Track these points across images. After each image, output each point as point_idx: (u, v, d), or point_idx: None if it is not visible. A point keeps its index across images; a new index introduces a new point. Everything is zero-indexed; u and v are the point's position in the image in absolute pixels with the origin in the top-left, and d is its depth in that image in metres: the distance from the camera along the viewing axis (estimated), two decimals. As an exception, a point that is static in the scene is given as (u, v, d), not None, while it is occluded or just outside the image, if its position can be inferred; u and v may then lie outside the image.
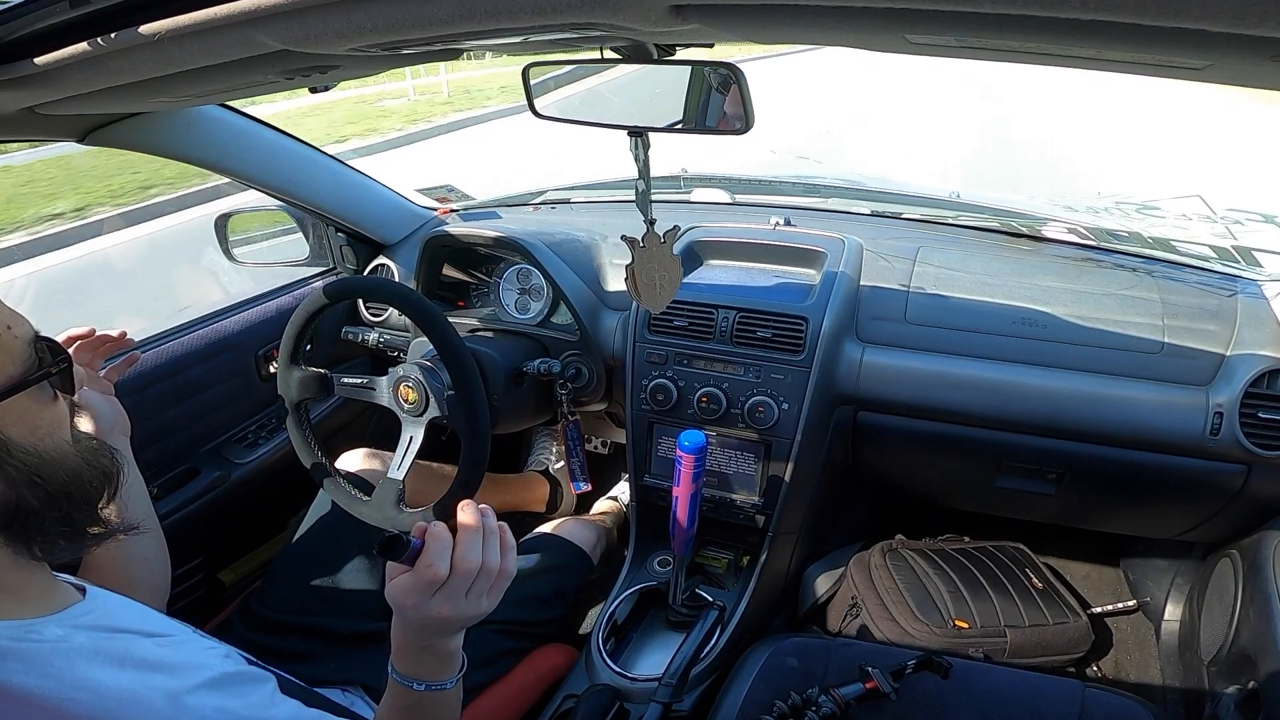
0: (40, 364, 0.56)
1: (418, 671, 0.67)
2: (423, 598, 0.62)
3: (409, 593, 0.63)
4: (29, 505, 0.53)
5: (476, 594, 0.65)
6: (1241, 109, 9.43)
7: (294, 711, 0.61)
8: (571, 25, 0.49)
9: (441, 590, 0.63)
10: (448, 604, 0.63)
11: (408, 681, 0.66)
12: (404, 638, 0.66)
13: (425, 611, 0.63)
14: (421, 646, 0.66)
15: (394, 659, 0.67)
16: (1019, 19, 0.36)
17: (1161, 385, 1.09)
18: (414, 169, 6.40)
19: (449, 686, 0.68)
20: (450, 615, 0.63)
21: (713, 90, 0.78)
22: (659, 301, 0.88)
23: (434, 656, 0.67)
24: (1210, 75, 0.43)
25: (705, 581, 1.25)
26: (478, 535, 0.66)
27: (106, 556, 0.82)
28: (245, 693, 0.59)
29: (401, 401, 1.08)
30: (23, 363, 0.54)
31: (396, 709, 0.68)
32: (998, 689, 0.95)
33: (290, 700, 0.62)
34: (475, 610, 0.65)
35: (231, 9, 0.48)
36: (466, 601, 0.64)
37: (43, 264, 4.36)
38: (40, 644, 0.52)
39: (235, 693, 0.58)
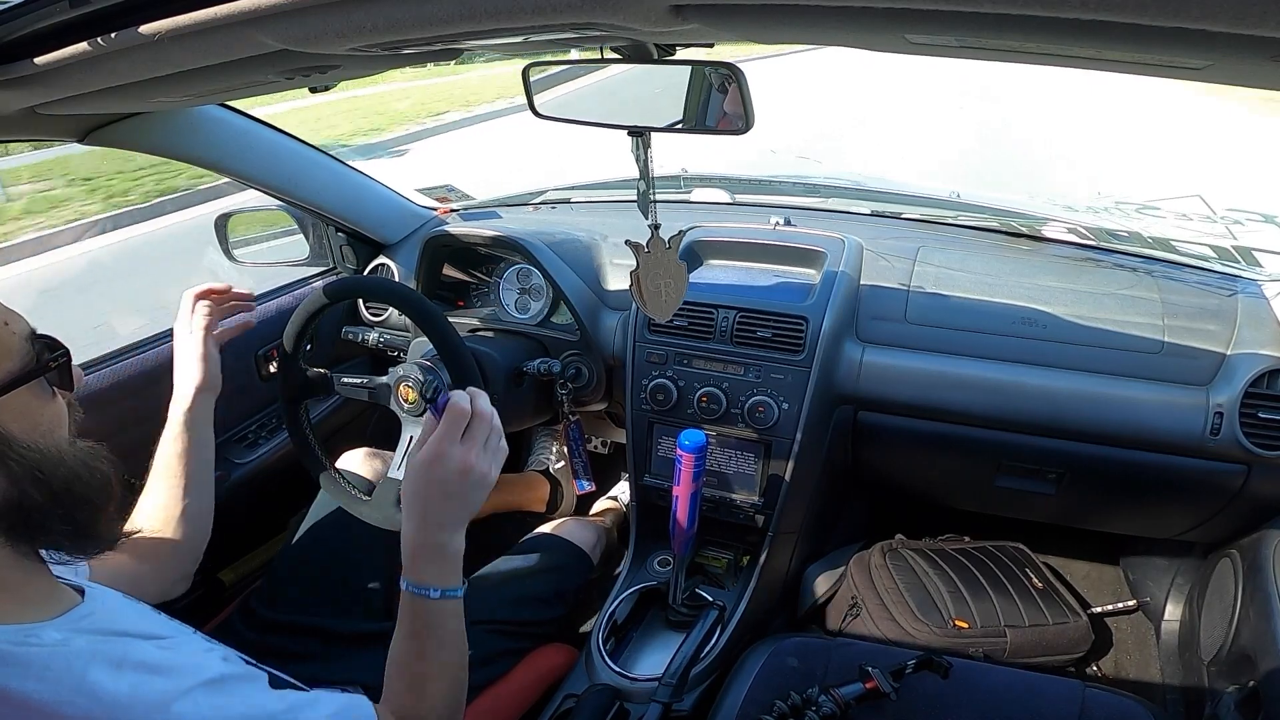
0: (39, 360, 0.56)
1: (431, 575, 0.72)
2: (450, 444, 0.71)
3: (442, 440, 0.72)
4: (32, 502, 0.53)
5: (489, 448, 0.74)
6: (1241, 109, 9.43)
7: (291, 700, 0.62)
8: (571, 25, 0.49)
9: (466, 435, 0.72)
10: (470, 450, 0.72)
11: (423, 590, 0.72)
12: (418, 537, 0.72)
13: (454, 460, 0.71)
14: (435, 544, 0.72)
15: (406, 572, 0.73)
16: (1019, 19, 0.36)
17: (1162, 385, 1.09)
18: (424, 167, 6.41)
19: (458, 594, 0.74)
20: (472, 463, 0.72)
21: (713, 90, 0.77)
22: (664, 309, 0.88)
23: (443, 557, 0.73)
24: (1210, 75, 0.43)
25: (705, 581, 1.25)
26: (485, 396, 0.76)
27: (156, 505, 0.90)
28: (240, 689, 0.60)
29: (401, 401, 1.08)
30: (20, 359, 0.55)
31: (413, 630, 0.73)
32: (998, 689, 0.95)
33: (285, 690, 0.63)
34: (485, 465, 0.73)
35: (231, 9, 0.48)
36: (483, 453, 0.73)
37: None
38: (39, 649, 0.52)
39: (232, 691, 0.59)
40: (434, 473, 0.71)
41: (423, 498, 0.72)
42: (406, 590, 0.72)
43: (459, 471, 0.71)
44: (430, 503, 0.72)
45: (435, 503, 0.72)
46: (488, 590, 1.17)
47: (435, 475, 0.71)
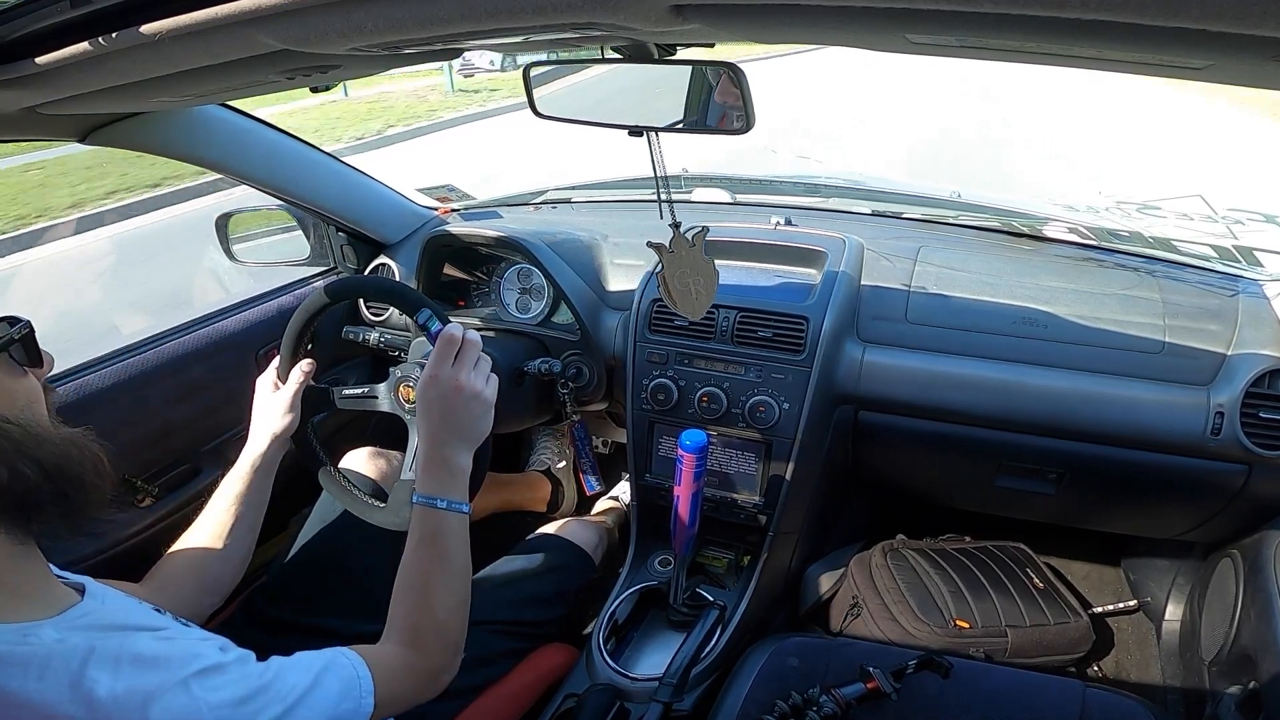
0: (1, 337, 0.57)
1: (439, 487, 0.82)
2: (445, 365, 0.82)
3: (436, 364, 0.82)
4: (23, 478, 0.53)
5: (478, 370, 0.85)
6: (1241, 110, 9.42)
7: (275, 668, 0.63)
8: (572, 25, 0.49)
9: (458, 358, 0.83)
10: (461, 371, 0.83)
11: (432, 499, 0.81)
12: (429, 449, 0.83)
13: (448, 381, 0.82)
14: (443, 457, 0.82)
15: (419, 486, 0.82)
16: (1019, 19, 0.36)
17: (1162, 385, 1.09)
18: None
19: (464, 510, 0.83)
20: (463, 383, 0.82)
21: (713, 89, 0.77)
22: (697, 308, 0.88)
23: (450, 471, 0.82)
24: (1210, 75, 0.43)
25: (706, 581, 1.25)
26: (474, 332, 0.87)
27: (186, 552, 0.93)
28: (232, 669, 0.60)
29: (403, 402, 1.08)
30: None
31: (423, 541, 0.81)
32: (998, 689, 0.95)
33: (270, 659, 0.64)
34: (477, 384, 0.84)
35: (231, 9, 0.48)
36: (474, 375, 0.84)
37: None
38: (37, 647, 0.52)
39: (224, 673, 0.59)
40: (431, 393, 0.82)
41: (427, 418, 0.83)
42: (417, 503, 0.82)
43: (453, 390, 0.82)
44: (433, 422, 0.82)
45: (437, 421, 0.82)
46: (489, 591, 1.17)
47: (433, 395, 0.82)
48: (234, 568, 0.95)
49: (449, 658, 0.79)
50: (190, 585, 0.90)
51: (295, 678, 0.63)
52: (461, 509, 0.82)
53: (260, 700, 0.60)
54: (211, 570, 0.92)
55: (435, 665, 0.77)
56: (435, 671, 0.78)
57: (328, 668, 0.67)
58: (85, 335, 3.11)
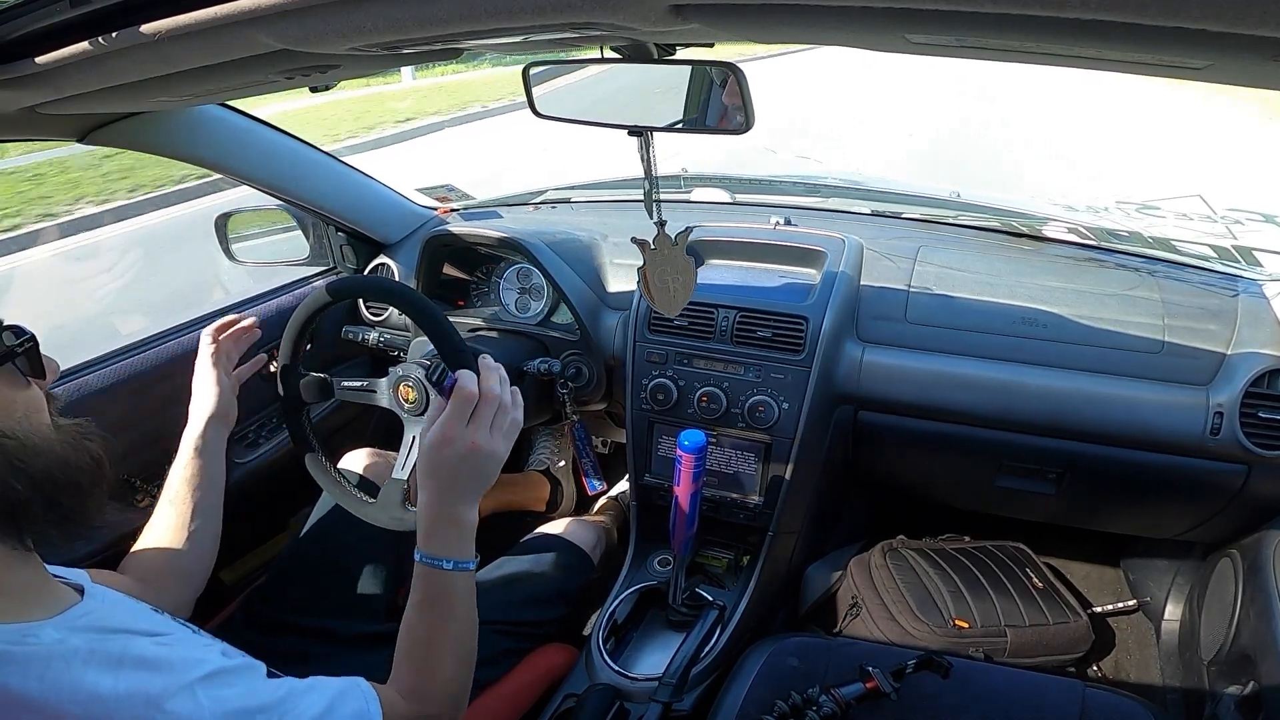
0: (5, 348, 0.57)
1: (444, 548, 0.76)
2: (458, 427, 0.75)
3: (446, 423, 0.75)
4: (14, 492, 0.53)
5: (497, 428, 0.78)
6: (1241, 110, 9.42)
7: (288, 688, 0.62)
8: (571, 25, 0.49)
9: (473, 416, 0.76)
10: (477, 431, 0.76)
11: (437, 561, 0.75)
12: (433, 509, 0.76)
13: (459, 445, 0.75)
14: (449, 516, 0.76)
15: (421, 544, 0.76)
16: (1019, 19, 0.36)
17: (1162, 385, 1.09)
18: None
19: (470, 567, 0.77)
20: (477, 444, 0.75)
21: (713, 89, 0.77)
22: (673, 305, 0.88)
23: (457, 529, 0.77)
24: (1210, 75, 0.43)
25: (705, 581, 1.25)
26: (496, 373, 0.79)
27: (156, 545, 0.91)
28: (238, 681, 0.60)
29: (402, 401, 1.08)
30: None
31: (426, 601, 0.76)
32: (998, 689, 0.95)
33: (282, 679, 0.63)
34: (494, 446, 0.77)
35: (231, 9, 0.48)
36: (490, 435, 0.77)
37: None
38: (37, 647, 0.52)
39: (231, 682, 0.59)
40: (442, 454, 0.75)
41: (434, 476, 0.76)
42: (420, 561, 0.76)
43: (466, 453, 0.75)
44: (442, 480, 0.76)
45: (446, 481, 0.76)
46: (488, 591, 1.17)
47: (444, 456, 0.75)
48: (206, 552, 0.94)
49: (454, 709, 0.77)
50: (169, 577, 0.89)
51: (309, 701, 0.62)
52: (468, 567, 0.77)
53: (268, 716, 0.59)
54: (184, 560, 0.91)
55: (434, 705, 0.76)
56: (433, 713, 0.76)
57: (342, 696, 0.65)
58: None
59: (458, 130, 8.73)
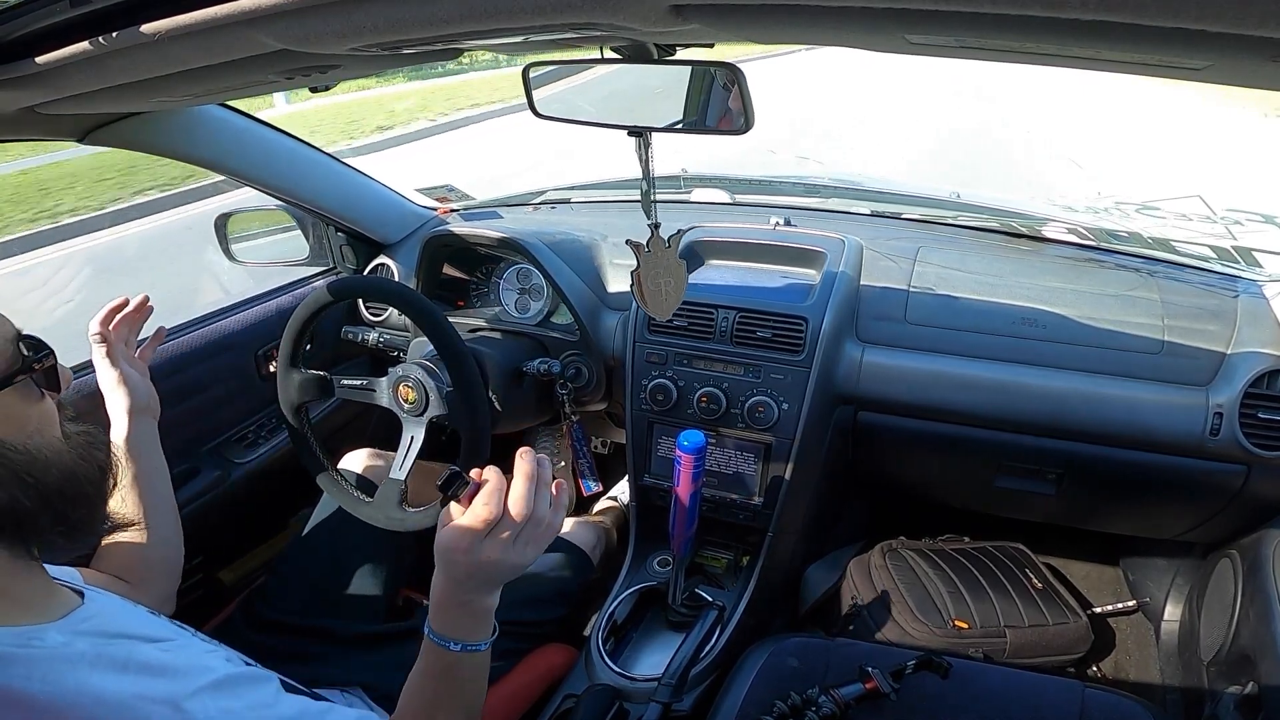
0: (23, 362, 0.56)
1: (455, 630, 0.69)
2: (475, 540, 0.64)
3: (461, 536, 0.64)
4: (23, 506, 0.53)
5: (524, 541, 0.67)
6: (1240, 109, 9.43)
7: (300, 708, 0.61)
8: (571, 25, 0.49)
9: (493, 533, 0.65)
10: (497, 548, 0.65)
11: (444, 641, 0.68)
12: (445, 593, 0.68)
13: (474, 556, 0.65)
14: (461, 602, 0.68)
15: (431, 618, 0.69)
16: (1019, 19, 0.36)
17: (1162, 385, 1.09)
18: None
19: (483, 648, 0.71)
20: (497, 560, 0.65)
21: (712, 90, 0.77)
22: (665, 308, 0.88)
23: (471, 614, 0.69)
24: (1210, 75, 0.43)
25: (705, 581, 1.25)
26: (532, 484, 0.67)
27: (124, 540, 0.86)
28: (248, 693, 0.59)
29: (401, 401, 1.08)
30: (5, 361, 0.55)
31: (431, 673, 0.70)
32: (997, 689, 0.95)
33: (295, 697, 0.62)
34: (520, 559, 0.67)
35: (231, 9, 0.48)
36: (514, 548, 0.66)
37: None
38: (41, 650, 0.52)
39: (238, 694, 0.58)
40: (454, 558, 0.66)
41: (445, 572, 0.67)
42: (428, 635, 0.70)
43: (483, 563, 0.65)
44: (455, 576, 0.67)
45: (460, 577, 0.67)
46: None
47: (455, 560, 0.66)
48: (174, 543, 0.91)
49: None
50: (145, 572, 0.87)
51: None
52: (479, 649, 0.70)
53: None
54: (154, 553, 0.88)
55: None
56: None
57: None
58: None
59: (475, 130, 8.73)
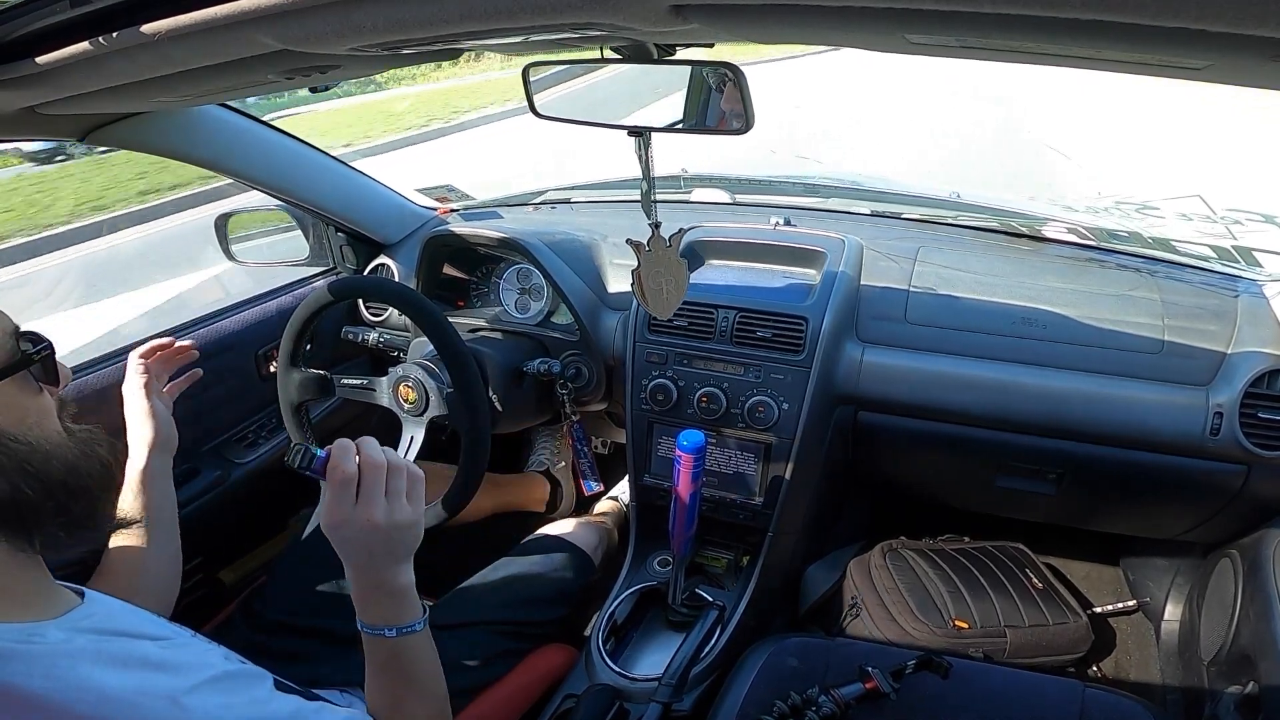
0: (22, 355, 0.57)
1: (383, 616, 0.71)
2: (345, 505, 0.67)
3: (335, 507, 0.67)
4: (24, 497, 0.53)
5: (395, 494, 0.69)
6: (1241, 110, 9.42)
7: (295, 706, 0.61)
8: (572, 25, 0.49)
9: (362, 494, 0.68)
10: (374, 508, 0.67)
11: (378, 630, 0.71)
12: (357, 581, 0.70)
13: (356, 523, 0.67)
14: (375, 584, 0.70)
15: (359, 613, 0.71)
16: (1019, 19, 0.36)
17: (1162, 385, 1.09)
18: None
19: (418, 628, 0.72)
20: (381, 522, 0.67)
21: (713, 90, 0.78)
22: (666, 307, 0.88)
23: (390, 594, 0.71)
24: (1210, 75, 0.43)
25: (705, 581, 1.25)
26: (374, 441, 0.71)
27: (122, 558, 0.86)
28: (246, 689, 0.60)
29: (401, 401, 1.08)
30: (4, 354, 0.56)
31: (380, 666, 0.72)
32: (998, 689, 0.95)
33: (290, 695, 0.63)
34: (403, 515, 0.69)
35: (231, 9, 0.48)
36: (388, 504, 0.68)
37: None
38: (42, 646, 0.52)
39: (237, 689, 0.59)
40: (342, 535, 0.68)
41: (345, 556, 0.70)
42: (363, 631, 0.71)
43: (368, 531, 0.68)
44: (356, 558, 0.69)
45: (361, 558, 0.69)
46: (488, 591, 1.17)
47: (344, 538, 0.68)
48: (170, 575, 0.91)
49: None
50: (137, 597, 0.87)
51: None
52: (415, 629, 0.72)
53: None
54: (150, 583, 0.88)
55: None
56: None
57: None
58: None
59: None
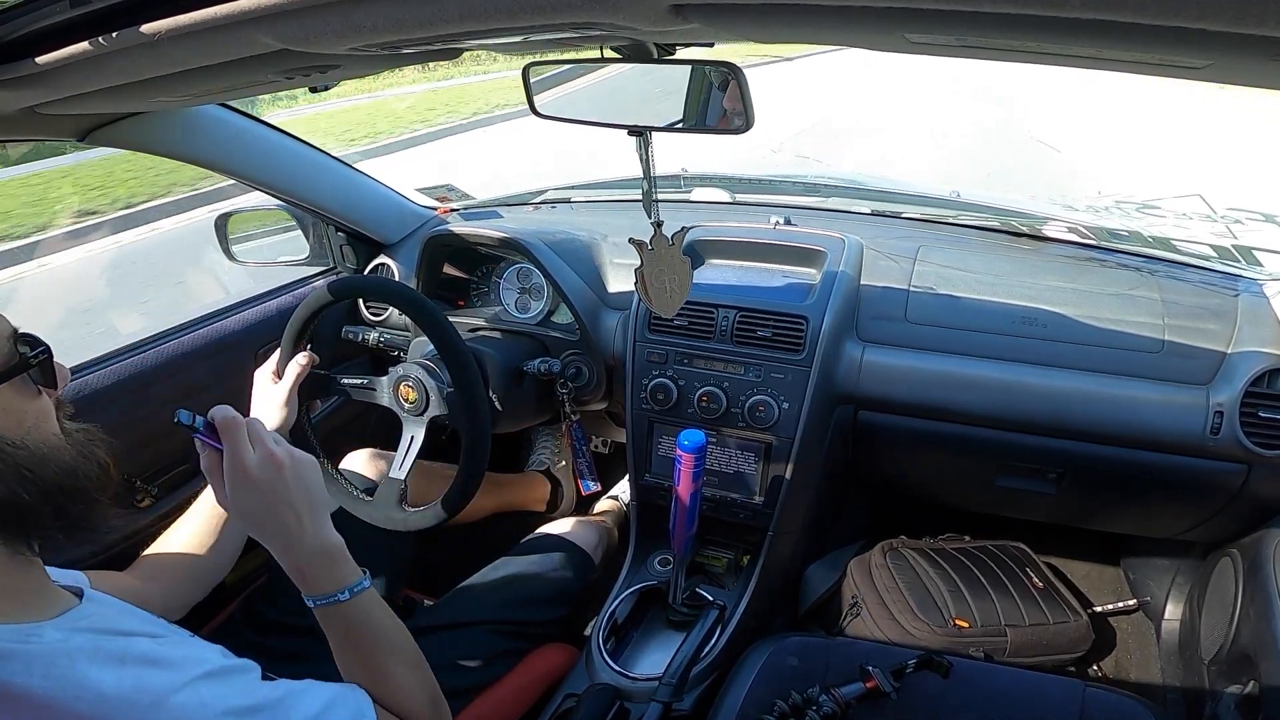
0: (20, 358, 0.57)
1: (331, 580, 0.71)
2: (245, 454, 0.68)
3: (236, 456, 0.68)
4: (22, 500, 0.53)
5: (273, 440, 0.71)
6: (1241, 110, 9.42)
7: (285, 689, 0.63)
8: (571, 25, 0.49)
9: (252, 437, 0.69)
10: (267, 446, 0.69)
11: (330, 598, 0.71)
12: (284, 553, 0.71)
13: (260, 465, 0.68)
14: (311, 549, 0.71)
15: (305, 591, 0.72)
16: (1019, 19, 0.36)
17: (1162, 384, 1.09)
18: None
19: (367, 584, 0.73)
20: (281, 457, 0.69)
21: (713, 89, 0.78)
22: (670, 305, 0.88)
23: (328, 555, 0.72)
24: (1210, 75, 0.43)
25: (705, 581, 1.25)
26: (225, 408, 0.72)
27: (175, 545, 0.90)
28: (240, 680, 0.61)
29: (402, 401, 1.08)
30: (2, 357, 0.56)
31: (342, 638, 0.73)
32: (998, 688, 0.95)
33: (279, 681, 0.64)
34: (291, 461, 0.70)
35: (231, 9, 0.48)
36: (272, 451, 0.70)
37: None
38: (40, 645, 0.52)
39: (231, 681, 0.59)
40: (254, 500, 0.68)
41: (266, 521, 0.69)
42: (316, 607, 0.71)
43: (273, 470, 0.69)
44: (276, 521, 0.69)
45: (279, 518, 0.69)
46: (488, 591, 1.17)
47: (257, 501, 0.68)
48: (224, 560, 0.93)
49: (431, 706, 0.76)
50: (179, 577, 0.89)
51: (306, 703, 0.63)
52: (363, 586, 0.73)
53: (268, 714, 0.60)
54: (202, 563, 0.90)
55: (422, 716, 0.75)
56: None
57: (336, 701, 0.66)
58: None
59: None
